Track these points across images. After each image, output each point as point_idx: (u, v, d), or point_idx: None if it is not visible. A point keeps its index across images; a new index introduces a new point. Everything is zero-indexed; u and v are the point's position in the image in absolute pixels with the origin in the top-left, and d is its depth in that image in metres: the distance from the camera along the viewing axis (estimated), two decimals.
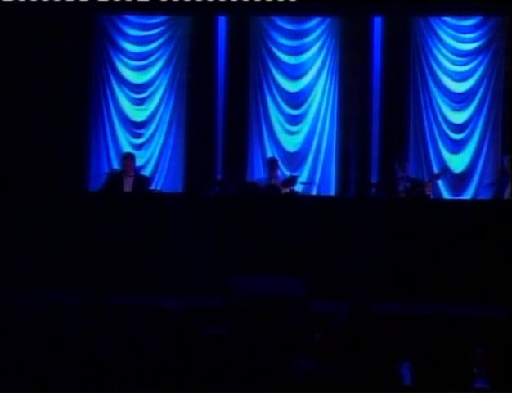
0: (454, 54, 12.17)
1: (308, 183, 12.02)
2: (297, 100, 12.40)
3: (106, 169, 11.99)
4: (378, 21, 12.18)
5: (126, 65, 12.38)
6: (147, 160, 12.28)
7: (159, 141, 12.35)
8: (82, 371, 4.80)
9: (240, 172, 12.12)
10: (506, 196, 10.73)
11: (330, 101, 12.32)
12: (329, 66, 12.33)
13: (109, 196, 10.85)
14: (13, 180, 10.92)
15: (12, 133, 11.46)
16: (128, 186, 11.08)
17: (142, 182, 11.30)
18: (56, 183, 11.25)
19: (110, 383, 4.64)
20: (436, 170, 12.01)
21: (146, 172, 12.08)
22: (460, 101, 12.17)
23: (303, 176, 12.17)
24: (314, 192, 12.07)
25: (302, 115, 12.38)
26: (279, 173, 11.60)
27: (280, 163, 11.87)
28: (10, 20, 11.39)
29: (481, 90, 12.09)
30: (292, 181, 11.36)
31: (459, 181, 12.08)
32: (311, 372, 3.94)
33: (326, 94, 12.33)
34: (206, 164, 12.17)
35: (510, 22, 11.87)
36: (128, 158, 11.32)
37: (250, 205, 10.20)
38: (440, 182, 11.85)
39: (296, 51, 12.41)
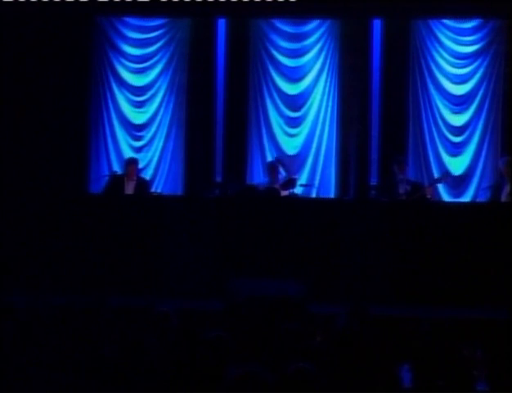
0: (453, 56, 12.18)
1: (308, 186, 12.03)
2: (296, 102, 12.40)
3: (106, 172, 11.99)
4: (377, 24, 12.18)
5: (126, 67, 12.38)
6: (147, 162, 12.28)
7: (159, 143, 12.35)
8: (81, 372, 4.82)
9: (240, 174, 12.13)
10: (504, 198, 10.73)
11: (330, 104, 12.33)
12: (328, 69, 12.33)
13: (109, 199, 10.86)
14: (14, 182, 10.93)
15: (13, 135, 11.46)
16: (129, 190, 11.11)
17: (144, 186, 11.30)
18: (57, 186, 11.24)
19: (109, 384, 4.65)
20: (435, 173, 12.02)
21: (147, 174, 12.08)
22: (459, 103, 12.17)
23: (303, 178, 12.17)
24: (313, 195, 12.07)
25: (301, 118, 12.39)
26: (279, 175, 11.60)
27: (279, 165, 11.87)
28: (10, 20, 11.39)
29: (480, 93, 12.10)
30: (291, 183, 11.36)
31: (458, 183, 12.09)
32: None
33: (326, 96, 12.33)
34: (206, 167, 12.18)
35: (509, 25, 11.88)
36: (131, 163, 11.32)
37: (250, 208, 10.20)
38: (440, 185, 11.86)
39: (295, 54, 12.41)
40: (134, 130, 12.39)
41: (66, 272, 9.60)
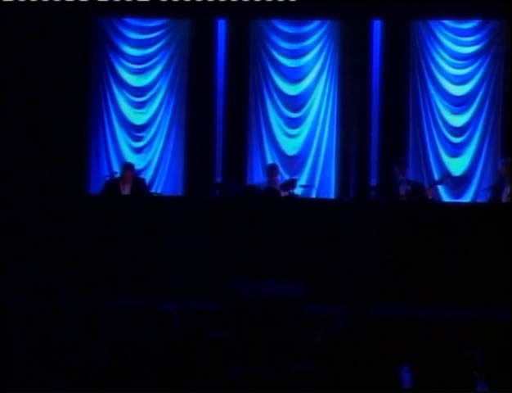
0: (453, 57, 12.18)
1: (308, 186, 12.04)
2: (296, 103, 12.41)
3: (106, 173, 12.00)
4: (377, 24, 12.19)
5: (126, 68, 12.39)
6: (147, 163, 12.29)
7: (159, 144, 12.36)
8: (81, 372, 4.82)
9: (240, 175, 12.13)
10: (504, 200, 10.74)
11: (330, 104, 12.33)
12: (328, 69, 12.34)
13: (109, 200, 10.87)
14: (14, 183, 10.93)
15: (13, 136, 11.45)
16: (126, 193, 11.12)
17: (140, 185, 11.32)
18: (57, 186, 11.23)
19: (110, 385, 4.65)
20: (435, 173, 12.02)
21: (147, 175, 12.10)
22: (459, 104, 12.18)
23: (303, 179, 12.18)
24: (313, 195, 12.08)
25: (301, 118, 12.39)
26: (279, 177, 11.61)
27: (279, 166, 11.88)
28: (10, 20, 11.39)
29: (480, 93, 12.10)
30: (291, 184, 11.36)
31: (458, 184, 12.09)
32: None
33: (326, 97, 12.34)
34: (206, 168, 12.18)
35: (509, 25, 11.88)
36: (127, 168, 11.34)
37: (250, 209, 10.20)
38: (440, 186, 11.86)
39: (295, 55, 12.42)
40: (134, 131, 12.39)
41: (66, 272, 9.60)
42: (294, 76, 12.41)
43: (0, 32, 11.46)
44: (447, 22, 12.18)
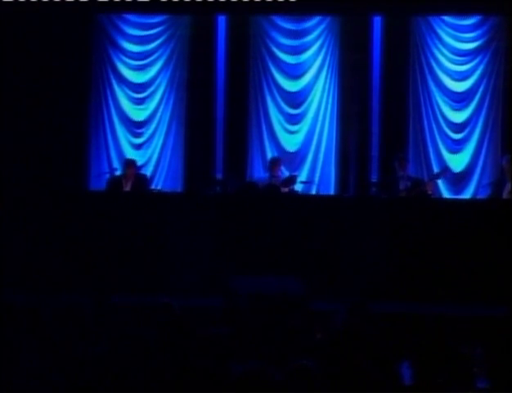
0: (453, 53, 12.18)
1: (308, 183, 12.04)
2: (297, 99, 12.40)
3: (107, 169, 12.01)
4: (377, 20, 12.19)
5: (126, 64, 12.38)
6: (147, 159, 12.28)
7: (159, 140, 12.35)
8: (81, 370, 4.82)
9: (240, 171, 12.14)
10: (505, 195, 10.74)
11: (330, 101, 12.33)
12: (328, 65, 12.33)
13: (109, 196, 10.87)
14: (14, 180, 10.93)
15: (13, 132, 11.46)
16: (127, 189, 11.12)
17: (142, 181, 11.32)
18: (57, 183, 11.25)
19: (109, 383, 4.65)
20: (436, 169, 12.02)
21: (147, 171, 12.09)
22: (459, 100, 12.17)
23: (303, 175, 12.17)
24: (314, 192, 12.08)
25: (301, 115, 12.39)
26: (279, 173, 11.62)
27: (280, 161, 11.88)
28: (10, 20, 11.39)
29: (480, 89, 12.10)
30: (292, 180, 11.37)
31: (458, 180, 12.09)
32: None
33: (326, 93, 12.33)
34: (206, 164, 12.18)
35: (510, 21, 11.88)
36: (130, 165, 11.33)
37: (250, 205, 10.21)
38: (440, 182, 11.87)
39: (296, 51, 12.41)
40: (134, 127, 12.39)
41: (66, 270, 9.60)
42: (295, 72, 12.41)
43: (0, 30, 11.46)
44: (447, 18, 12.18)
